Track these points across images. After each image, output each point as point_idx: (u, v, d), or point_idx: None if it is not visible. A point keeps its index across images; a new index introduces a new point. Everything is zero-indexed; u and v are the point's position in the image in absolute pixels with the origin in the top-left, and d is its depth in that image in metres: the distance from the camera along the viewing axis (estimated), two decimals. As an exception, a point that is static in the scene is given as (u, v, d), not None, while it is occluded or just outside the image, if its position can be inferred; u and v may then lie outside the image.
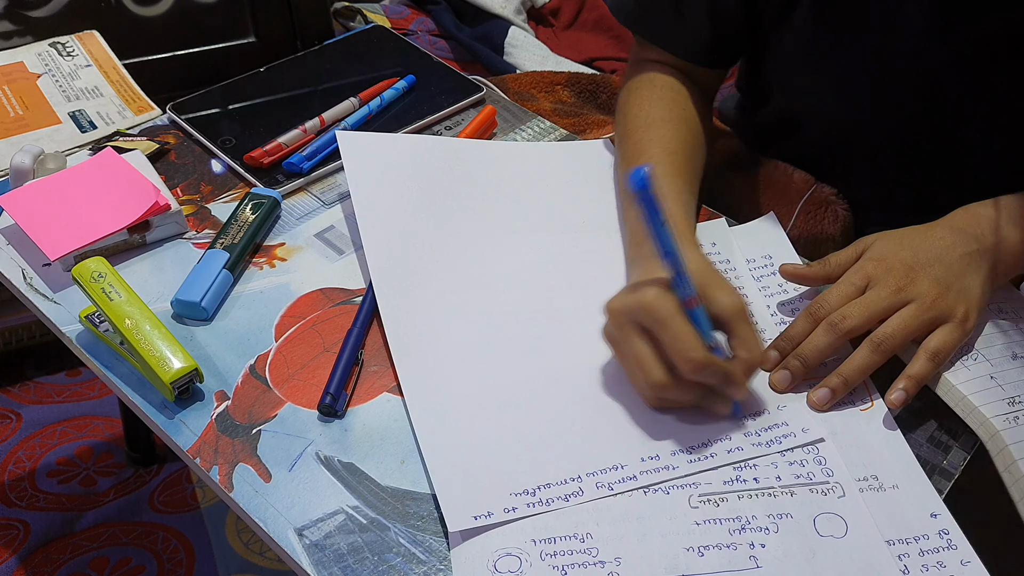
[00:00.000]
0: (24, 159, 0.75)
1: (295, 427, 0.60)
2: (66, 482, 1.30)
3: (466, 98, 0.88)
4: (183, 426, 0.60)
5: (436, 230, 0.72)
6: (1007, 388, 0.61)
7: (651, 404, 0.61)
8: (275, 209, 0.74)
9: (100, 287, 0.63)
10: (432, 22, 1.38)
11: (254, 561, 1.22)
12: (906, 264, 0.64)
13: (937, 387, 0.63)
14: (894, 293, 0.62)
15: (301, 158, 0.79)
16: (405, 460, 0.58)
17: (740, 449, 0.59)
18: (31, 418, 1.38)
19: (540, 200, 0.76)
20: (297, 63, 0.92)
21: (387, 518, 0.55)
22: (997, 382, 0.62)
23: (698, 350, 0.56)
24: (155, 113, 0.86)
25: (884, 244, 0.66)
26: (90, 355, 0.64)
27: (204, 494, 1.29)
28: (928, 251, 0.64)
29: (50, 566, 1.19)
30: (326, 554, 0.53)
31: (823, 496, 0.56)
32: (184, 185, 0.79)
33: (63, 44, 0.92)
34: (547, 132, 0.86)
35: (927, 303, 0.62)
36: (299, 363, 0.64)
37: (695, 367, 0.56)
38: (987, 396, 0.61)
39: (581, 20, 1.44)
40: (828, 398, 0.62)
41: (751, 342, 0.59)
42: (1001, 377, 0.62)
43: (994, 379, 0.62)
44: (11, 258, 0.71)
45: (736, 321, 0.59)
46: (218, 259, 0.69)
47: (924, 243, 0.65)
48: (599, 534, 0.54)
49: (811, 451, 0.59)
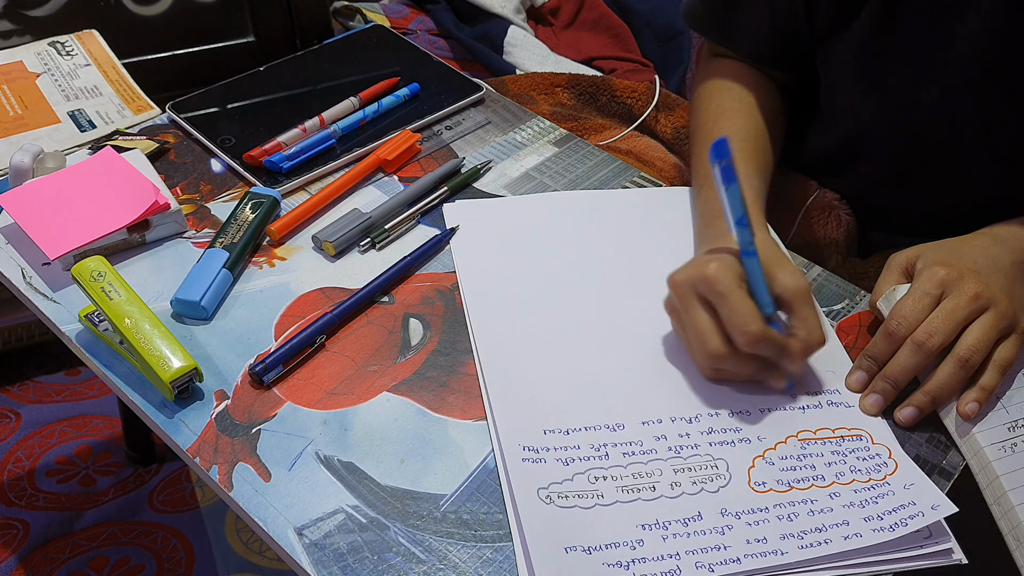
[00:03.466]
0: (23, 158, 0.75)
1: (295, 426, 0.60)
2: (65, 481, 1.30)
3: (466, 97, 0.88)
4: (183, 425, 0.60)
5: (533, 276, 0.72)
6: (1011, 411, 0.60)
7: (707, 375, 0.63)
8: (275, 208, 0.74)
9: (100, 286, 0.63)
10: (431, 21, 1.38)
11: (254, 561, 1.22)
12: (972, 271, 0.62)
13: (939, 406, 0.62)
14: (972, 300, 0.61)
15: (282, 157, 0.78)
16: (405, 459, 0.58)
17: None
18: (30, 417, 1.38)
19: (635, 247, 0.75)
20: (296, 62, 0.92)
21: (387, 517, 0.55)
22: (1003, 403, 0.61)
23: (755, 322, 0.58)
24: (154, 112, 0.86)
25: (938, 253, 0.64)
26: (90, 354, 0.64)
27: (204, 493, 1.29)
28: (983, 260, 0.63)
29: (49, 565, 1.19)
30: (326, 553, 0.53)
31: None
32: (184, 184, 0.79)
33: (62, 43, 0.92)
34: (546, 132, 0.86)
35: (1001, 311, 0.61)
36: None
37: (751, 339, 0.58)
38: (990, 420, 0.60)
39: (580, 19, 1.44)
40: (915, 416, 0.61)
41: (811, 322, 0.60)
42: (1007, 398, 0.61)
43: (999, 399, 0.61)
44: (10, 257, 0.71)
45: (798, 301, 0.60)
46: (218, 258, 0.69)
47: (974, 252, 0.64)
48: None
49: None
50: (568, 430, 0.60)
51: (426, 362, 0.65)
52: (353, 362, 0.65)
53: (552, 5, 1.44)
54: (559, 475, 0.57)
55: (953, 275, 0.62)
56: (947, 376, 0.60)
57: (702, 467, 0.58)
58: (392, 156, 0.79)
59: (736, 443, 0.60)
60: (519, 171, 0.82)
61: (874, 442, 0.60)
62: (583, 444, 0.59)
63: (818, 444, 0.60)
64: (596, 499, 0.56)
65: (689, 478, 0.58)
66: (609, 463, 0.58)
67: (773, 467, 0.59)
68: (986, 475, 0.58)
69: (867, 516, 0.55)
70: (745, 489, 0.57)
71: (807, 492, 0.57)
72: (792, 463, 0.59)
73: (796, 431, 0.61)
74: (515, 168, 0.82)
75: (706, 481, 0.58)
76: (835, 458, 0.59)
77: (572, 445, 0.59)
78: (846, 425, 0.61)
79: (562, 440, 0.59)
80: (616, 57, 1.37)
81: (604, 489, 0.57)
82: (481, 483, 0.57)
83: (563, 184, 0.80)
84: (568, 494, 0.56)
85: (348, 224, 0.73)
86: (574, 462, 0.58)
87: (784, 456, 0.59)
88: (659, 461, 0.59)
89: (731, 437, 0.60)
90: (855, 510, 0.56)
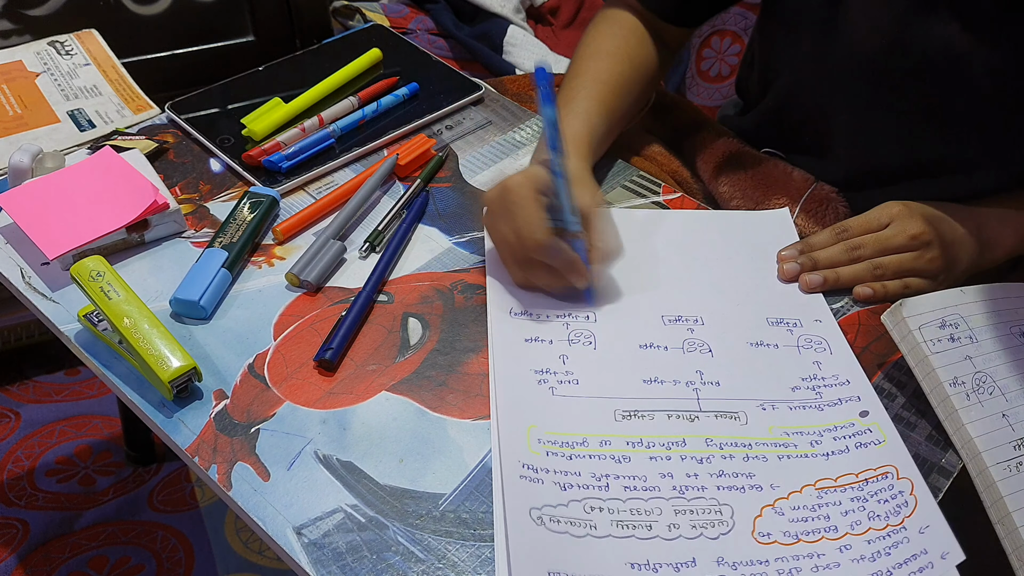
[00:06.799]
0: (23, 158, 0.75)
1: (294, 426, 0.60)
2: (65, 481, 1.30)
3: (465, 97, 0.88)
4: (182, 425, 0.60)
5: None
6: (1017, 428, 0.59)
7: (518, 282, 0.69)
8: (273, 208, 0.74)
9: (99, 286, 0.63)
10: (431, 21, 1.38)
11: (253, 560, 1.22)
12: (924, 216, 0.71)
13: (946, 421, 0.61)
14: (910, 239, 0.71)
15: (281, 157, 0.79)
16: (404, 459, 0.58)
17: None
18: (30, 417, 1.38)
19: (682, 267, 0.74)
20: (296, 62, 0.92)
21: (386, 517, 0.55)
22: (1008, 421, 0.60)
23: (539, 232, 0.64)
24: (154, 112, 0.86)
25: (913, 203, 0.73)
26: (89, 354, 0.64)
27: (203, 493, 1.29)
28: (939, 219, 0.72)
29: (49, 565, 1.19)
30: (325, 553, 0.53)
31: None
32: (183, 184, 0.79)
33: (62, 43, 0.92)
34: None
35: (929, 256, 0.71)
36: (298, 362, 0.64)
37: (536, 247, 0.64)
38: (995, 438, 0.59)
39: (580, 19, 1.44)
40: (819, 284, 0.71)
41: (605, 233, 0.66)
42: (1013, 415, 0.60)
43: (1006, 417, 0.60)
44: (10, 257, 0.71)
45: (594, 215, 0.66)
46: (217, 258, 0.69)
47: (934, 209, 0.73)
48: None
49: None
50: (571, 455, 0.58)
51: (425, 361, 0.65)
52: (352, 361, 0.65)
53: (552, 5, 1.44)
54: (555, 498, 0.55)
55: (905, 212, 0.72)
56: (857, 270, 0.71)
57: (705, 511, 0.56)
58: (405, 161, 0.79)
59: (746, 488, 0.57)
60: (518, 170, 0.81)
61: (899, 477, 0.58)
62: (584, 471, 0.57)
63: (837, 492, 0.57)
64: (589, 529, 0.54)
65: (689, 521, 0.55)
66: (608, 495, 0.56)
67: (782, 517, 0.56)
68: (991, 495, 0.57)
69: (875, 572, 0.53)
70: (747, 539, 0.54)
71: (815, 545, 0.54)
72: (804, 514, 0.56)
73: (814, 480, 0.58)
74: (514, 167, 0.82)
75: (707, 526, 0.55)
76: (854, 505, 0.56)
77: (573, 471, 0.57)
78: (872, 465, 0.59)
79: (564, 464, 0.57)
80: (615, 57, 1.36)
81: (598, 520, 0.54)
82: (480, 482, 0.57)
83: (562, 183, 0.80)
84: (561, 519, 0.54)
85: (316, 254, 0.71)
86: (572, 488, 0.56)
87: (796, 507, 0.56)
88: (660, 500, 0.56)
89: (742, 483, 0.57)
90: (863, 564, 0.53)
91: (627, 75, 0.80)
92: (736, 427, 0.61)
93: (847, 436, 0.61)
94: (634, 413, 0.61)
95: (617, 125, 0.81)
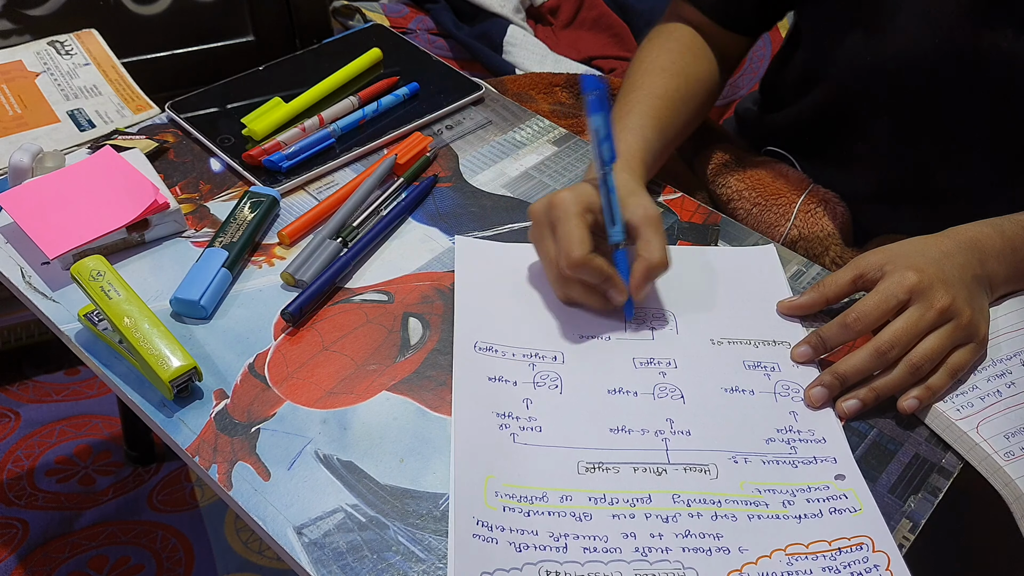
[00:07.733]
0: (23, 157, 0.75)
1: (294, 425, 0.60)
2: (65, 481, 1.30)
3: (465, 97, 0.88)
4: (182, 424, 0.60)
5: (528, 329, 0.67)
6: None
7: (560, 298, 0.67)
8: (274, 207, 0.74)
9: (99, 285, 0.63)
10: (431, 21, 1.38)
11: (253, 560, 1.22)
12: (942, 280, 0.62)
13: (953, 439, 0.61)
14: (939, 314, 0.61)
15: (281, 156, 0.79)
16: (404, 458, 0.58)
17: None
18: (30, 417, 1.38)
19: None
20: (296, 62, 0.92)
21: (386, 516, 0.55)
22: None
23: (576, 249, 0.62)
24: (154, 112, 0.86)
25: (908, 257, 0.63)
26: (89, 354, 0.64)
27: (203, 493, 1.29)
28: (950, 267, 0.63)
29: (49, 565, 1.19)
30: (325, 552, 0.53)
31: None
32: (183, 183, 0.79)
33: (62, 43, 0.92)
34: (545, 131, 0.86)
35: (963, 323, 0.61)
36: (298, 361, 0.64)
37: (571, 264, 0.62)
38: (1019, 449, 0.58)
39: (580, 19, 1.44)
40: (857, 409, 0.62)
41: (654, 245, 0.63)
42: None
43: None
44: (10, 256, 0.71)
45: (644, 225, 0.64)
46: (217, 257, 0.69)
47: (941, 257, 0.63)
48: None
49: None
50: (529, 511, 0.55)
51: (425, 361, 0.65)
52: (352, 361, 0.65)
53: (551, 4, 1.44)
54: (508, 561, 0.52)
55: (924, 283, 0.61)
56: (896, 379, 0.61)
57: (668, 574, 0.53)
58: (404, 160, 0.79)
59: (713, 551, 0.54)
60: (518, 170, 0.82)
61: (875, 550, 0.54)
62: (542, 530, 0.54)
63: (808, 560, 0.54)
64: None
65: None
66: (565, 557, 0.53)
67: None
68: (1021, 506, 0.56)
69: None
70: None
71: None
72: None
73: (785, 544, 0.55)
74: (514, 167, 0.82)
75: None
76: (825, 575, 0.53)
77: (530, 529, 0.54)
78: (847, 534, 0.55)
79: (520, 521, 0.54)
80: (616, 56, 1.37)
81: None
82: (480, 482, 0.57)
83: (562, 183, 0.80)
84: None
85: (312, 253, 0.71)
86: (528, 549, 0.53)
87: (764, 573, 0.53)
88: (622, 563, 0.53)
89: (709, 544, 0.54)
90: None
91: (682, 90, 0.79)
92: (705, 481, 0.58)
93: (821, 499, 0.57)
94: (598, 465, 0.58)
95: (673, 140, 0.80)
